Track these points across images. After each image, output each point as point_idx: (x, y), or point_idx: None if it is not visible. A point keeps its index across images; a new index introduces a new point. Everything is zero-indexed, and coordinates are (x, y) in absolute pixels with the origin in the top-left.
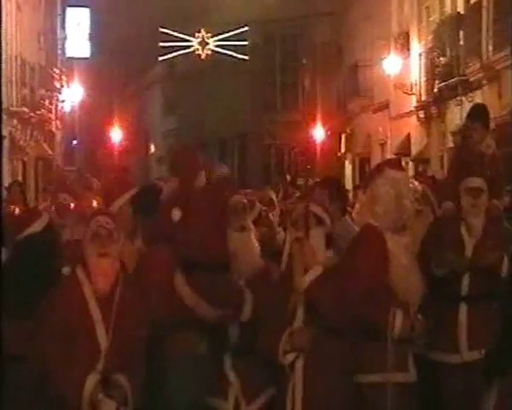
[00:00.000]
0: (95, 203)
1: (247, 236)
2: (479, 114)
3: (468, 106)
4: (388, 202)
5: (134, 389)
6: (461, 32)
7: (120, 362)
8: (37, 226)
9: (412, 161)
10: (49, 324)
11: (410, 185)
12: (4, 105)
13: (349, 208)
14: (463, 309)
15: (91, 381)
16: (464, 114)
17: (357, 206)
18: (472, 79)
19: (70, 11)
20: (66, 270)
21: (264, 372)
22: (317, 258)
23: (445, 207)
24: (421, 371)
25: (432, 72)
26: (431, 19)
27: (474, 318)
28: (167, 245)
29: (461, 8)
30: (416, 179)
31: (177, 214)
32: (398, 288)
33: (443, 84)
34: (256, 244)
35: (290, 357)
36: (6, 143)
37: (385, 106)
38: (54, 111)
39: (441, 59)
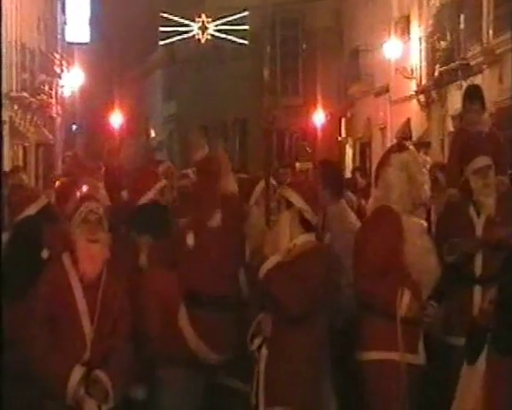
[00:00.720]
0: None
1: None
2: (475, 94)
3: None
4: (402, 185)
5: (114, 386)
6: (461, 16)
7: (102, 356)
8: (32, 209)
9: (413, 145)
10: (35, 311)
11: (420, 160)
12: (4, 90)
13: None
14: (478, 291)
15: (75, 376)
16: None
17: (370, 200)
18: (472, 63)
19: None
20: (44, 253)
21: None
22: (278, 244)
23: (450, 193)
24: (438, 357)
25: (432, 56)
26: (431, 3)
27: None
28: (175, 272)
29: None
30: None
31: (191, 240)
32: (411, 269)
33: (443, 68)
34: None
35: (256, 343)
36: (6, 128)
37: (385, 90)
38: (54, 96)
39: (442, 43)
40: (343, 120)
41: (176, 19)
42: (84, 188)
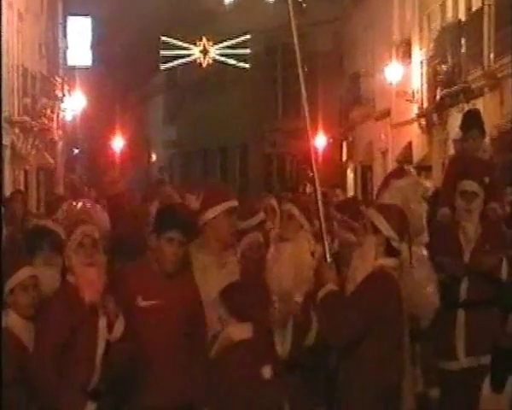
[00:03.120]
0: None
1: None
2: (473, 120)
3: None
4: None
5: None
6: (462, 40)
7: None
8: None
9: (414, 168)
10: (48, 336)
11: (419, 188)
12: (6, 114)
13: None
14: (461, 315)
15: None
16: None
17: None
18: (474, 87)
19: (71, 20)
20: None
21: (314, 389)
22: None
23: (442, 213)
24: None
25: (433, 79)
26: (432, 26)
27: (473, 323)
28: None
29: (462, 16)
30: None
31: None
32: (409, 303)
33: (444, 91)
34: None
35: None
36: (8, 152)
37: (386, 114)
38: (55, 120)
39: (443, 66)
40: (344, 144)
41: (177, 43)
42: (79, 204)
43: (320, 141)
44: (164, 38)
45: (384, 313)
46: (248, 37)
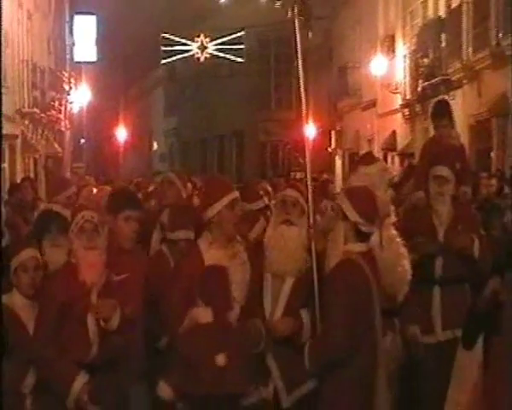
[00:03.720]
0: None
1: (294, 230)
2: (443, 110)
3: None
4: None
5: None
6: (442, 35)
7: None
8: None
9: (398, 155)
10: (47, 311)
11: (386, 175)
12: (17, 106)
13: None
14: (437, 291)
15: (79, 382)
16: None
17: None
18: (453, 79)
19: (77, 18)
20: None
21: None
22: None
23: (417, 196)
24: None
25: (416, 72)
26: (414, 23)
27: (448, 299)
28: None
29: (442, 13)
30: None
31: None
32: (384, 283)
33: (426, 83)
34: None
35: None
36: (18, 141)
37: (372, 104)
38: (63, 112)
39: (424, 60)
40: (333, 133)
41: (176, 39)
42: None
43: (310, 130)
44: (164, 35)
45: (353, 301)
46: (243, 33)
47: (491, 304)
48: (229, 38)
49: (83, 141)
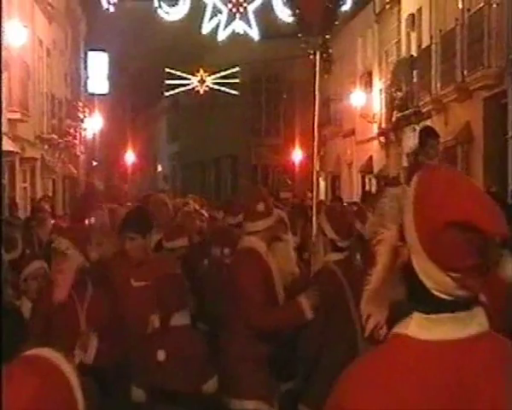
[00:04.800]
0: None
1: (282, 245)
2: (431, 132)
3: None
4: (395, 215)
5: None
6: (414, 72)
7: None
8: None
9: (375, 177)
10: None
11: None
12: (37, 133)
13: None
14: None
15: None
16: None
17: (367, 225)
18: (423, 110)
19: (91, 55)
20: None
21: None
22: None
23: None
24: None
25: (390, 104)
26: (389, 60)
27: None
28: None
29: (414, 52)
30: None
31: None
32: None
33: (400, 114)
34: (292, 253)
35: None
36: (38, 164)
37: (352, 132)
38: (78, 137)
39: (398, 93)
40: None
41: (178, 73)
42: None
43: (297, 155)
44: (168, 70)
45: (330, 303)
46: (238, 69)
47: None
48: (225, 73)
49: (95, 163)
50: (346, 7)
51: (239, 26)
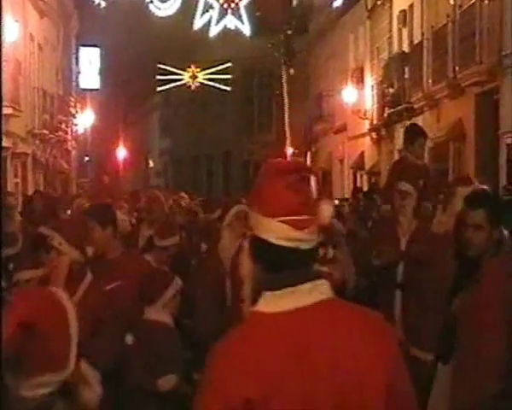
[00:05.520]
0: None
1: None
2: (419, 131)
3: None
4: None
5: None
6: (406, 68)
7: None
8: None
9: (366, 173)
10: None
11: None
12: (28, 128)
13: None
14: (398, 295)
15: None
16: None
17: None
18: (415, 107)
19: (83, 50)
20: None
21: None
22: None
23: (384, 209)
24: None
25: (382, 100)
26: (381, 57)
27: (407, 302)
28: None
29: (406, 48)
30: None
31: None
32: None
33: (391, 110)
34: None
35: None
36: (30, 159)
37: (343, 128)
38: (69, 133)
39: (390, 90)
40: (308, 154)
41: (170, 69)
42: None
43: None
44: (159, 65)
45: None
46: (229, 64)
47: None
48: (217, 68)
49: (87, 159)
50: (338, 3)
51: (231, 21)
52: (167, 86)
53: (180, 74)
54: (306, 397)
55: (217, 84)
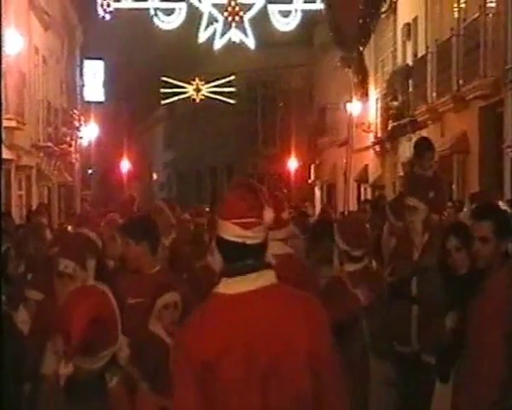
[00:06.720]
0: None
1: None
2: (428, 144)
3: None
4: None
5: None
6: (410, 81)
7: None
8: None
9: (370, 186)
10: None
11: None
12: (33, 141)
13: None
14: (415, 308)
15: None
16: (414, 150)
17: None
18: (419, 120)
19: (87, 63)
20: None
21: None
22: None
23: (397, 226)
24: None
25: (386, 113)
26: (385, 70)
27: (423, 314)
28: None
29: (410, 61)
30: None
31: None
32: None
33: (395, 123)
34: None
35: None
36: (34, 172)
37: (347, 141)
38: (74, 146)
39: (394, 103)
40: (312, 166)
41: (174, 82)
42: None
43: (292, 164)
44: (164, 78)
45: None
46: (233, 77)
47: (454, 338)
48: (221, 81)
49: (91, 171)
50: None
51: (235, 34)
52: (171, 99)
53: (184, 87)
54: (249, 360)
55: (221, 97)
